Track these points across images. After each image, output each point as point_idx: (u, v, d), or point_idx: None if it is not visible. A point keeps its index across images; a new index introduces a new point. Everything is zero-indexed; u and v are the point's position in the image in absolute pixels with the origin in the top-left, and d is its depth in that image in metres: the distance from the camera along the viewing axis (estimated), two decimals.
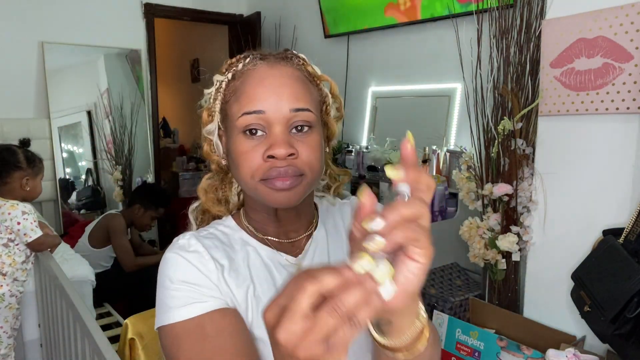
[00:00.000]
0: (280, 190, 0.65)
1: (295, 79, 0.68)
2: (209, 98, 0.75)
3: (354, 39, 3.24)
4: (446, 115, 2.69)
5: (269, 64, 0.69)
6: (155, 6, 3.78)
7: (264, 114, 0.66)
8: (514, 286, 1.80)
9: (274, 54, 0.71)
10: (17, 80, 3.31)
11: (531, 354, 1.51)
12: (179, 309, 0.64)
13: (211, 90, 0.75)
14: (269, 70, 0.68)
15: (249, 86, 0.67)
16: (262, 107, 0.66)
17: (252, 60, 0.70)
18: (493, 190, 1.71)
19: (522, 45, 1.69)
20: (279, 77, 0.67)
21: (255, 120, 0.66)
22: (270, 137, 0.65)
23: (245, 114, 0.66)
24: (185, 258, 0.68)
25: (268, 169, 0.65)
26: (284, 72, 0.68)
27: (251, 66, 0.70)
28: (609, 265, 1.27)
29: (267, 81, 0.67)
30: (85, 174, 3.76)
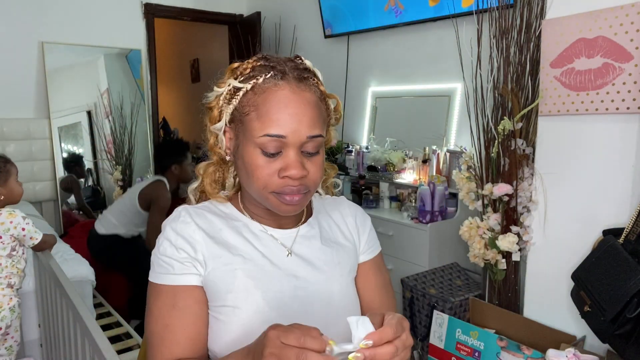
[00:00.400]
0: (289, 204, 0.75)
1: (312, 105, 0.75)
2: (219, 96, 0.80)
3: (354, 39, 3.24)
4: (446, 115, 2.69)
5: (290, 87, 0.74)
6: (155, 6, 3.78)
7: (284, 138, 0.73)
8: (514, 286, 1.80)
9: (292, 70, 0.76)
10: (17, 80, 3.31)
11: (531, 354, 1.51)
12: (162, 275, 0.76)
13: (223, 90, 0.79)
14: (291, 96, 0.74)
15: (272, 109, 0.73)
16: (283, 132, 0.72)
17: (274, 78, 0.75)
18: (493, 190, 1.71)
19: (522, 45, 1.69)
20: (300, 105, 0.74)
21: (275, 143, 0.73)
22: (286, 158, 0.74)
23: (267, 136, 0.73)
24: (174, 230, 0.78)
25: (282, 185, 0.74)
26: (304, 99, 0.75)
27: (272, 85, 0.74)
28: (609, 265, 1.27)
29: (291, 108, 0.73)
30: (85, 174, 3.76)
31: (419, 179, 2.61)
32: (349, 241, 0.90)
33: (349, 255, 0.88)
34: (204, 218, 0.81)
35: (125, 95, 3.78)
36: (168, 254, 0.77)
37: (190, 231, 0.78)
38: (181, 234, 0.77)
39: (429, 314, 2.00)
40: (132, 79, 3.84)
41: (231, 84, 0.77)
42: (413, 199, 2.55)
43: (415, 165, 2.67)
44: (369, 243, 0.92)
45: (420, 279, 2.14)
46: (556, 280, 1.58)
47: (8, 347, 1.89)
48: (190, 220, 0.79)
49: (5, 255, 1.83)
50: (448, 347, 1.75)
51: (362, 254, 0.91)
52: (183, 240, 0.77)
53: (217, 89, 0.80)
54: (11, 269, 1.85)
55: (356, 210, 0.95)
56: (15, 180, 1.89)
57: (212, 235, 0.79)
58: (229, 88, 0.78)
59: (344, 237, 0.89)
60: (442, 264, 2.28)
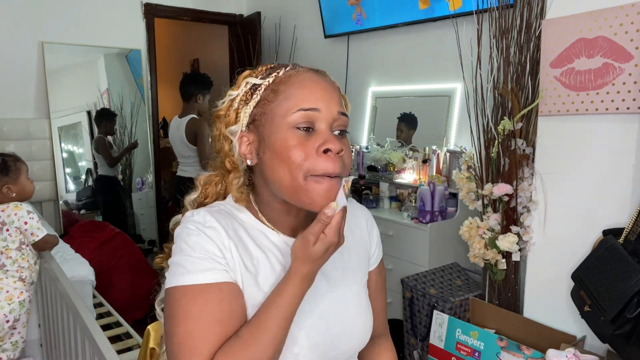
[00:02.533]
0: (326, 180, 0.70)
1: (336, 88, 0.77)
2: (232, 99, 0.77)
3: (353, 39, 3.24)
4: (446, 115, 2.69)
5: (312, 73, 0.76)
6: (155, 6, 3.78)
7: (318, 112, 0.71)
8: (514, 286, 1.80)
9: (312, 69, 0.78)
10: (17, 80, 3.31)
11: (531, 354, 1.51)
12: (204, 272, 0.69)
13: (239, 92, 0.77)
14: (317, 77, 0.75)
15: (303, 87, 0.72)
16: (317, 105, 0.71)
17: (293, 67, 0.76)
18: (493, 190, 1.71)
19: (522, 45, 1.69)
20: (327, 84, 0.75)
21: (310, 117, 0.71)
22: (321, 134, 0.71)
23: (301, 110, 0.70)
24: (204, 232, 0.72)
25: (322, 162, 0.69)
26: (328, 81, 0.76)
27: (294, 72, 0.75)
28: (609, 265, 1.27)
29: (320, 84, 0.73)
30: (85, 174, 3.77)
31: (419, 179, 2.61)
32: (361, 246, 0.90)
33: (362, 261, 0.89)
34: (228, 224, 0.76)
35: (125, 95, 3.79)
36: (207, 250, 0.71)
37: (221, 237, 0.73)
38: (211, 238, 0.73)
39: (429, 314, 2.00)
40: (132, 79, 3.84)
41: (248, 82, 0.76)
42: (413, 199, 2.55)
43: (415, 165, 2.67)
44: (377, 249, 0.93)
45: (420, 279, 2.14)
46: (556, 280, 1.58)
47: (14, 342, 1.90)
48: (218, 225, 0.74)
49: (15, 248, 1.85)
50: (448, 347, 1.75)
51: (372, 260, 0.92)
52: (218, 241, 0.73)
53: (232, 92, 0.77)
54: (22, 262, 1.87)
55: (367, 214, 0.94)
56: (27, 178, 1.96)
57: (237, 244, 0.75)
58: (246, 88, 0.76)
59: (356, 242, 0.89)
60: (442, 264, 2.28)
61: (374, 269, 0.92)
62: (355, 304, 0.83)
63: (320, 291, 0.79)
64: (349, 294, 0.82)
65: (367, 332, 0.84)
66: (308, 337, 0.75)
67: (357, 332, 0.82)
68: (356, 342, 0.82)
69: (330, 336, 0.77)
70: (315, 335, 0.76)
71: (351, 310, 0.82)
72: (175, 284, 0.70)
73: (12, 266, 1.84)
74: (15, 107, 3.30)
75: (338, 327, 0.78)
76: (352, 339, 0.81)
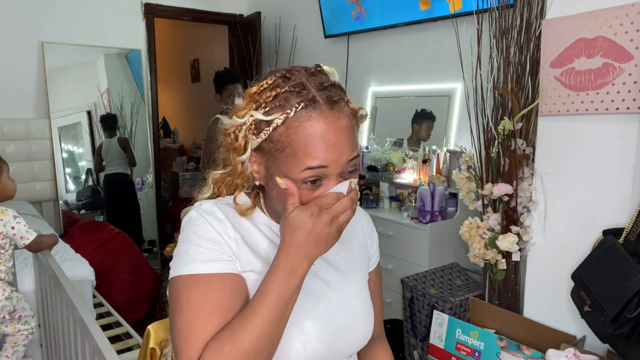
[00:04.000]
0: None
1: (348, 130, 0.72)
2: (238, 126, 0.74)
3: (354, 39, 3.24)
4: (446, 115, 2.69)
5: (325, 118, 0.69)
6: (155, 6, 3.78)
7: (326, 168, 0.69)
8: (514, 286, 1.80)
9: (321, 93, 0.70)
10: (17, 80, 3.31)
11: (531, 354, 1.51)
12: (207, 262, 0.70)
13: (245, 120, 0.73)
14: (328, 127, 0.69)
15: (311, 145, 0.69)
16: (324, 162, 0.69)
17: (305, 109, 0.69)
18: (493, 190, 1.71)
19: (522, 45, 1.69)
20: (337, 134, 0.70)
21: (317, 173, 0.69)
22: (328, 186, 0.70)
23: (308, 169, 0.69)
24: (210, 223, 0.73)
25: None
26: (340, 127, 0.70)
27: (306, 118, 0.69)
28: (609, 265, 1.27)
29: (329, 139, 0.69)
30: (85, 174, 3.76)
31: (419, 179, 2.61)
32: (362, 246, 0.92)
33: (363, 260, 0.91)
34: (234, 216, 0.78)
35: (125, 95, 3.79)
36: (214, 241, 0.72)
37: (226, 228, 0.74)
38: (219, 230, 0.74)
39: (429, 314, 2.00)
40: (132, 79, 3.84)
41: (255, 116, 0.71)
42: (413, 199, 2.55)
43: (415, 165, 2.67)
44: (377, 252, 0.95)
45: (420, 279, 2.14)
46: (556, 280, 1.58)
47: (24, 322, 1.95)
48: (224, 217, 0.75)
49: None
50: (448, 347, 1.75)
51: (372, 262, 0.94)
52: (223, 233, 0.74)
53: (237, 119, 0.73)
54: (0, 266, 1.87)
55: (368, 217, 0.97)
56: (8, 177, 1.91)
57: (243, 235, 0.76)
58: (253, 119, 0.72)
59: (358, 242, 0.91)
60: (442, 264, 2.28)
61: (372, 270, 0.94)
62: (360, 301, 0.85)
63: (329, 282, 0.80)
64: (353, 290, 0.84)
65: (370, 329, 0.86)
66: (315, 326, 0.76)
67: (361, 327, 0.83)
68: (359, 336, 0.83)
69: (336, 328, 0.78)
70: (322, 325, 0.77)
71: (355, 306, 0.83)
72: (179, 272, 0.71)
73: None
74: (15, 107, 3.30)
75: (343, 319, 0.80)
76: (356, 333, 0.82)
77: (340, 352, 0.80)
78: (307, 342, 0.75)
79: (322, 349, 0.76)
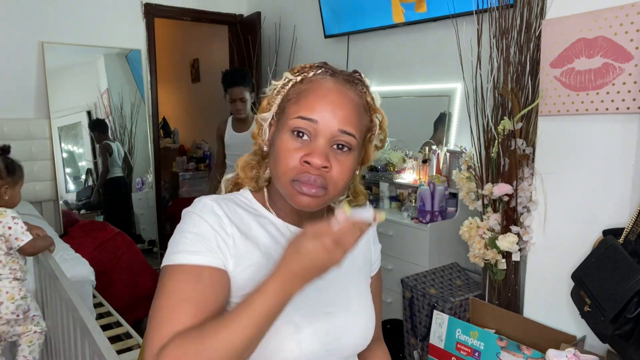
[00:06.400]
0: (304, 194, 0.73)
1: (353, 104, 0.76)
2: (273, 89, 0.82)
3: (354, 39, 3.24)
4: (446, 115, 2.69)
5: (336, 82, 0.77)
6: (155, 6, 3.78)
7: (315, 123, 0.73)
8: (514, 286, 1.80)
9: (344, 73, 0.80)
10: (17, 80, 3.31)
11: (531, 354, 1.51)
12: (189, 254, 0.71)
13: (278, 83, 0.81)
14: (333, 88, 0.76)
15: (312, 95, 0.75)
16: (316, 117, 0.73)
17: (324, 73, 0.78)
18: (493, 190, 1.71)
19: (522, 45, 1.69)
20: (339, 98, 0.75)
21: (305, 126, 0.73)
22: (312, 146, 0.73)
23: (299, 117, 0.73)
24: (204, 217, 0.74)
25: (301, 172, 0.72)
26: (346, 95, 0.76)
27: (321, 77, 0.77)
28: (609, 265, 1.27)
29: (329, 97, 0.74)
30: (85, 174, 3.77)
31: (419, 179, 2.61)
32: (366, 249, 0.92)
33: (366, 263, 0.91)
34: (234, 212, 0.78)
35: (125, 96, 3.79)
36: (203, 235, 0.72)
37: (223, 224, 0.75)
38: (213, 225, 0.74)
39: (429, 314, 2.00)
40: (132, 79, 3.84)
41: (286, 77, 0.80)
42: (413, 199, 2.55)
43: (415, 165, 2.67)
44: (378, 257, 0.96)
45: (420, 279, 2.14)
46: (556, 280, 1.58)
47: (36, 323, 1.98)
48: (222, 214, 0.75)
49: (4, 254, 1.86)
50: (448, 347, 1.75)
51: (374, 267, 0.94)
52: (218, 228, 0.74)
53: (274, 82, 0.82)
54: (13, 265, 1.89)
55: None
56: (20, 189, 2.00)
57: (243, 231, 0.76)
58: (283, 81, 0.80)
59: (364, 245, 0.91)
60: (442, 264, 2.28)
61: (374, 274, 0.94)
62: (360, 302, 0.84)
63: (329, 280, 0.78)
64: (354, 292, 0.84)
65: (370, 331, 0.85)
66: (311, 325, 0.75)
67: (361, 328, 0.82)
68: (358, 337, 0.82)
69: (333, 327, 0.78)
70: (318, 324, 0.76)
71: (356, 306, 0.83)
72: (164, 262, 0.73)
73: (4, 269, 1.87)
74: (15, 107, 3.30)
75: (341, 320, 0.79)
76: (354, 334, 0.81)
77: (338, 353, 0.79)
78: (301, 340, 0.74)
79: (318, 348, 0.75)
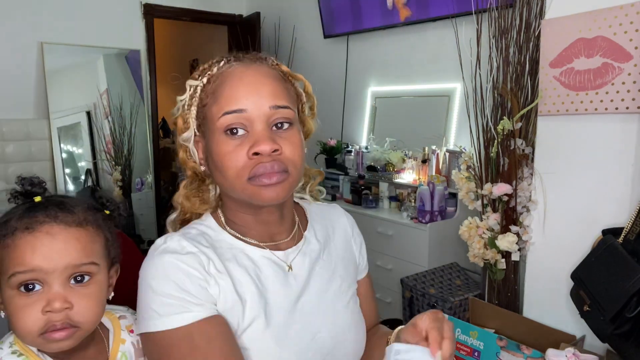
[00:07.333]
0: (268, 186, 0.66)
1: (272, 77, 0.70)
2: (182, 105, 0.75)
3: (353, 39, 3.24)
4: (446, 115, 2.69)
5: (244, 64, 0.70)
6: (155, 6, 3.77)
7: (245, 112, 0.66)
8: (513, 286, 1.80)
9: (248, 56, 0.72)
10: (17, 80, 3.30)
11: (531, 353, 1.51)
12: (169, 317, 0.63)
13: (185, 96, 0.74)
14: (246, 70, 0.69)
15: (228, 86, 0.68)
16: (242, 105, 0.66)
17: (227, 62, 0.71)
18: (492, 190, 1.71)
19: (522, 45, 1.69)
20: (256, 76, 0.68)
21: (236, 120, 0.66)
22: (253, 135, 0.66)
23: (225, 114, 0.67)
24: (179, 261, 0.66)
25: (254, 165, 0.66)
26: (261, 71, 0.69)
27: (226, 68, 0.70)
28: (609, 264, 1.27)
29: (246, 80, 0.68)
30: (85, 175, 3.76)
31: (419, 179, 2.61)
32: (348, 252, 0.86)
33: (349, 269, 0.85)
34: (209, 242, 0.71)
35: (125, 96, 3.78)
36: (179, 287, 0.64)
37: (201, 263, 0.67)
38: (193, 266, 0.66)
39: None
40: (131, 80, 3.84)
41: (190, 85, 0.73)
42: (413, 199, 2.55)
43: (414, 165, 2.67)
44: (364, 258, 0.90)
45: (420, 279, 2.14)
46: (556, 280, 1.58)
47: None
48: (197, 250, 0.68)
49: None
50: None
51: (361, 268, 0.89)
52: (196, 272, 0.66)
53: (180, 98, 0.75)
54: None
55: (352, 221, 0.91)
56: None
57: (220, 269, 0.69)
58: (189, 92, 0.73)
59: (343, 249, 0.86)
60: (441, 263, 2.28)
61: (362, 277, 0.89)
62: (347, 315, 0.79)
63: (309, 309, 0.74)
64: (339, 306, 0.79)
65: (362, 341, 0.82)
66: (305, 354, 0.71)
67: (351, 342, 0.79)
68: (351, 351, 0.79)
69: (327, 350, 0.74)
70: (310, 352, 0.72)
71: (342, 322, 0.78)
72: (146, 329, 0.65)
73: None
74: (14, 108, 3.30)
75: (330, 343, 0.75)
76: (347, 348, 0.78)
77: None
78: None
79: None
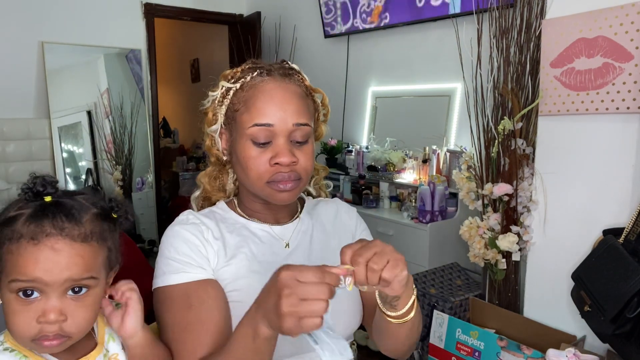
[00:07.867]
0: (283, 191, 0.79)
1: (298, 96, 0.81)
2: (213, 100, 0.86)
3: (354, 39, 3.24)
4: (446, 115, 2.69)
5: (275, 80, 0.81)
6: (155, 6, 3.77)
7: (272, 127, 0.78)
8: (514, 286, 1.80)
9: (278, 69, 0.83)
10: (18, 80, 3.30)
11: (531, 353, 1.51)
12: (171, 274, 0.76)
13: (216, 93, 0.85)
14: (277, 88, 0.80)
15: (260, 101, 0.79)
16: (270, 120, 0.78)
17: (260, 75, 0.82)
18: (493, 190, 1.71)
19: (522, 45, 1.69)
20: (285, 95, 0.80)
21: (263, 132, 0.78)
22: (276, 147, 0.79)
23: (256, 125, 0.78)
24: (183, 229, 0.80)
25: (274, 172, 0.79)
26: (289, 89, 0.81)
27: (259, 81, 0.81)
28: (609, 265, 1.27)
29: (276, 98, 0.79)
30: (85, 174, 3.76)
31: (419, 178, 2.61)
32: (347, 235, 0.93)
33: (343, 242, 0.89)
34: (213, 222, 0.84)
35: (125, 95, 3.78)
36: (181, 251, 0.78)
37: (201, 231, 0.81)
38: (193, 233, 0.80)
39: (429, 314, 2.00)
40: (132, 79, 3.84)
41: (223, 85, 0.84)
42: (413, 198, 2.55)
43: (415, 165, 2.67)
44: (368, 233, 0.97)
45: (420, 279, 2.14)
46: (556, 280, 1.58)
47: None
48: (199, 222, 0.82)
49: None
50: (448, 347, 1.75)
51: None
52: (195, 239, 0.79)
53: (212, 93, 0.86)
54: None
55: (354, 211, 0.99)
56: None
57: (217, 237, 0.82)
58: (221, 90, 0.84)
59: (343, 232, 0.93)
60: (442, 263, 2.28)
61: None
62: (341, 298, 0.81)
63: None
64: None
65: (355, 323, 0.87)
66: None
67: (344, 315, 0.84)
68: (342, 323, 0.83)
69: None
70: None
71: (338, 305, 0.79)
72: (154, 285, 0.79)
73: None
74: (15, 107, 3.30)
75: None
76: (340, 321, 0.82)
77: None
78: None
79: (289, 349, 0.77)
